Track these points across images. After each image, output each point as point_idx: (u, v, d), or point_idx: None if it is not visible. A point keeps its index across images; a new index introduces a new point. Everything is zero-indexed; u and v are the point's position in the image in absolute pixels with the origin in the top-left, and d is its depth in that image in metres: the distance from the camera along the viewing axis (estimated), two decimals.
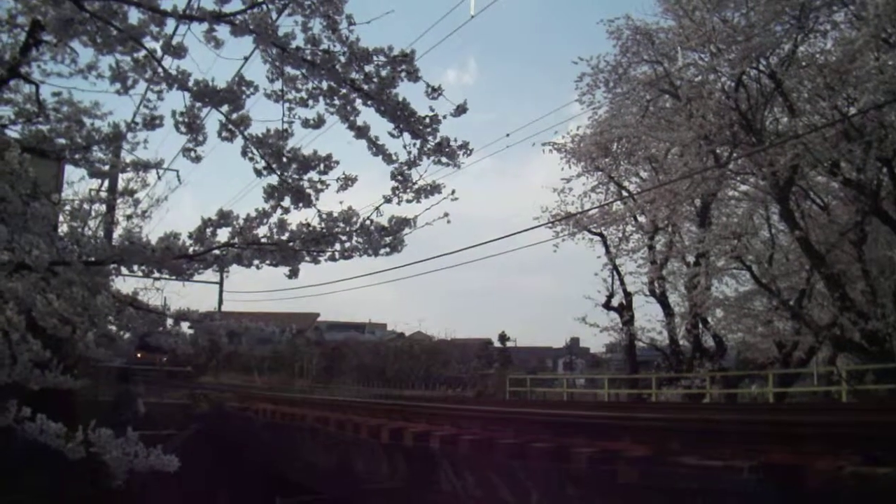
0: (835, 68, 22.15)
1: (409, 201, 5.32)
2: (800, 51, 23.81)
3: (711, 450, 8.52)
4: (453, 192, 5.31)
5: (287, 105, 5.17)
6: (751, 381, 32.21)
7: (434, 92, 4.98)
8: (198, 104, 5.15)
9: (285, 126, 5.17)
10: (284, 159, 5.18)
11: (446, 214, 5.33)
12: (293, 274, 5.51)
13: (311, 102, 5.17)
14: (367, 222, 5.25)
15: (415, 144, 5.14)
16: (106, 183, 12.98)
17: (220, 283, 50.61)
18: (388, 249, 5.45)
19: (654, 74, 27.37)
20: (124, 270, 5.42)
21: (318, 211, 5.22)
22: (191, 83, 4.99)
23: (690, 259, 31.14)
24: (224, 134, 5.20)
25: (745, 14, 23.53)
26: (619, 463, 8.81)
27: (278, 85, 5.15)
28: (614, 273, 35.06)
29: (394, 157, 5.23)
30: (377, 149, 5.23)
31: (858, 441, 7.93)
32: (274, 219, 5.26)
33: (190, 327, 6.15)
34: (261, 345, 73.92)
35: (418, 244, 7.09)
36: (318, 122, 5.29)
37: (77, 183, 13.22)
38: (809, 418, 10.09)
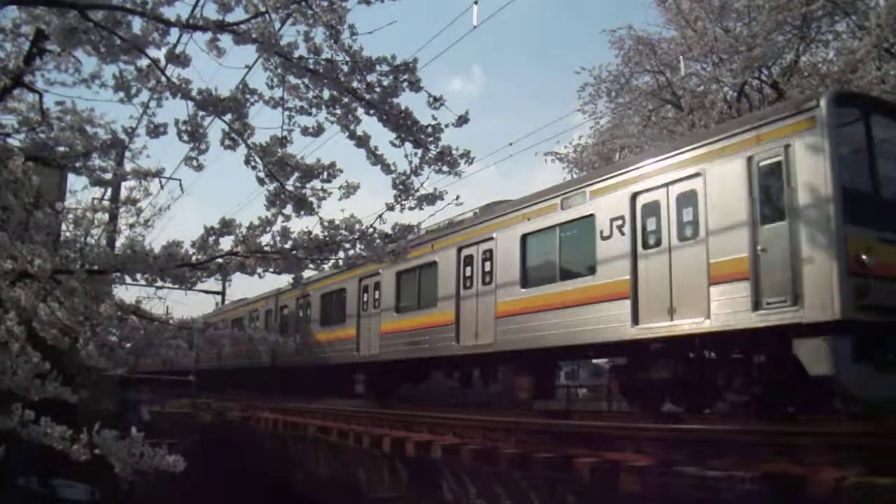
0: (837, 78, 22.13)
1: (411, 209, 5.34)
2: (802, 60, 23.81)
3: (713, 460, 8.51)
4: (457, 197, 5.34)
5: (287, 113, 5.19)
6: None
7: (436, 102, 4.99)
8: (201, 113, 5.16)
9: (284, 133, 5.19)
10: (288, 168, 5.19)
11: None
12: (297, 282, 5.53)
13: (313, 111, 5.19)
14: (370, 230, 5.26)
15: (416, 154, 5.15)
16: (108, 192, 12.98)
17: (223, 293, 50.41)
18: (392, 257, 5.47)
19: (657, 84, 27.37)
20: (127, 279, 5.43)
21: (321, 218, 5.24)
22: (194, 92, 5.00)
23: None
24: (227, 142, 5.22)
25: (747, 24, 23.55)
26: (620, 473, 8.80)
27: (278, 92, 5.17)
28: None
29: (392, 168, 5.24)
30: (376, 158, 5.24)
31: (861, 452, 7.92)
32: (277, 227, 5.27)
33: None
34: None
35: None
36: (318, 131, 5.31)
37: (80, 192, 13.22)
38: (812, 429, 10.05)
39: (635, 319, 13.75)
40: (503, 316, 17.40)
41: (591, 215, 15.28)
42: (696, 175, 13.07)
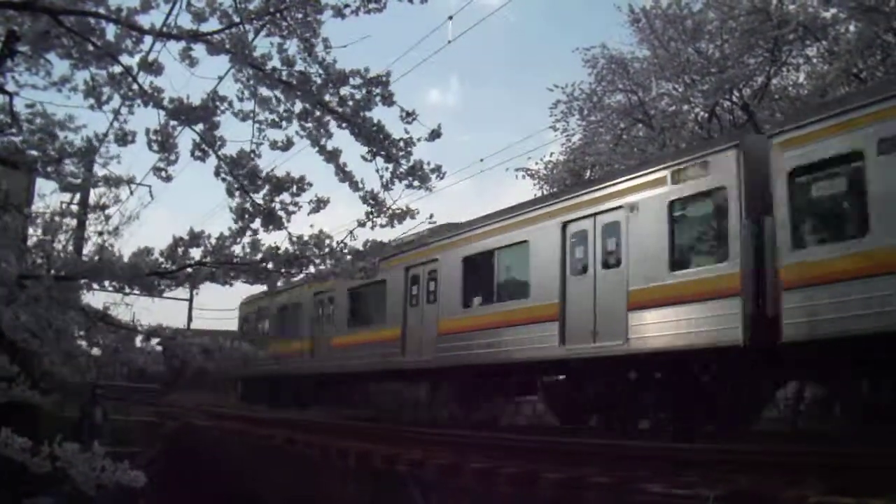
0: (807, 101, 22.42)
1: (382, 226, 5.33)
2: (773, 83, 24.09)
3: (678, 478, 8.55)
4: (431, 216, 5.37)
5: (258, 126, 5.17)
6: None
7: (408, 116, 5.00)
8: (172, 123, 5.13)
9: (253, 146, 5.17)
10: (258, 180, 5.16)
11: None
12: (271, 289, 5.52)
13: (283, 124, 5.17)
14: (340, 246, 5.25)
15: (387, 168, 5.15)
16: (77, 197, 12.88)
17: (190, 301, 50.05)
18: (362, 274, 5.46)
19: (629, 103, 27.48)
20: (94, 286, 5.38)
21: (289, 234, 5.21)
22: (166, 101, 4.97)
23: None
24: (197, 153, 5.18)
25: (719, 46, 23.80)
26: (586, 490, 8.82)
27: (248, 105, 5.15)
28: None
29: (360, 185, 5.23)
30: (345, 175, 5.22)
31: (823, 470, 7.99)
32: (247, 238, 5.25)
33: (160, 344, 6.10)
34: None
35: None
36: (287, 144, 5.29)
37: (49, 196, 13.11)
38: (776, 447, 10.15)
39: None
40: None
41: None
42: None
